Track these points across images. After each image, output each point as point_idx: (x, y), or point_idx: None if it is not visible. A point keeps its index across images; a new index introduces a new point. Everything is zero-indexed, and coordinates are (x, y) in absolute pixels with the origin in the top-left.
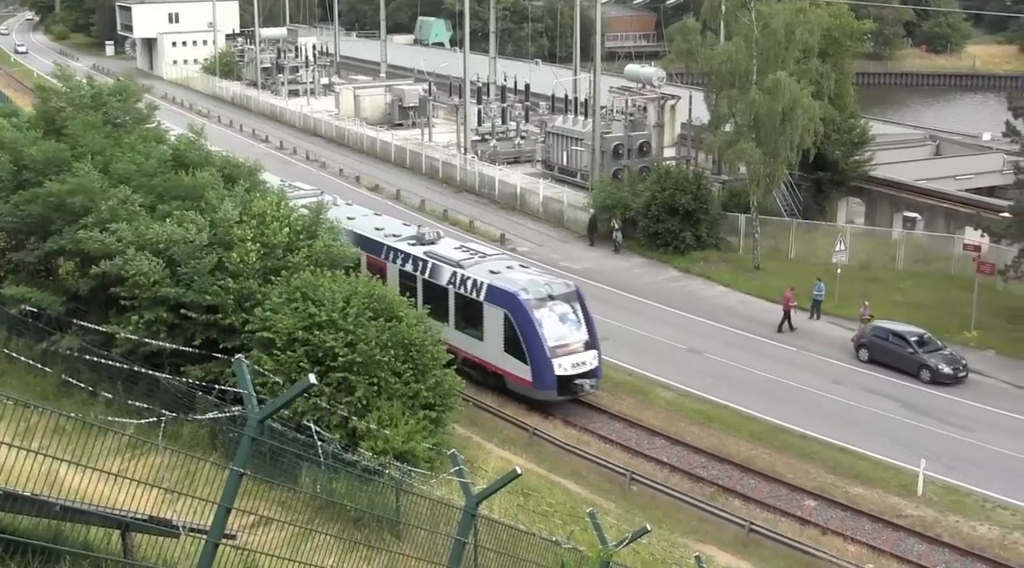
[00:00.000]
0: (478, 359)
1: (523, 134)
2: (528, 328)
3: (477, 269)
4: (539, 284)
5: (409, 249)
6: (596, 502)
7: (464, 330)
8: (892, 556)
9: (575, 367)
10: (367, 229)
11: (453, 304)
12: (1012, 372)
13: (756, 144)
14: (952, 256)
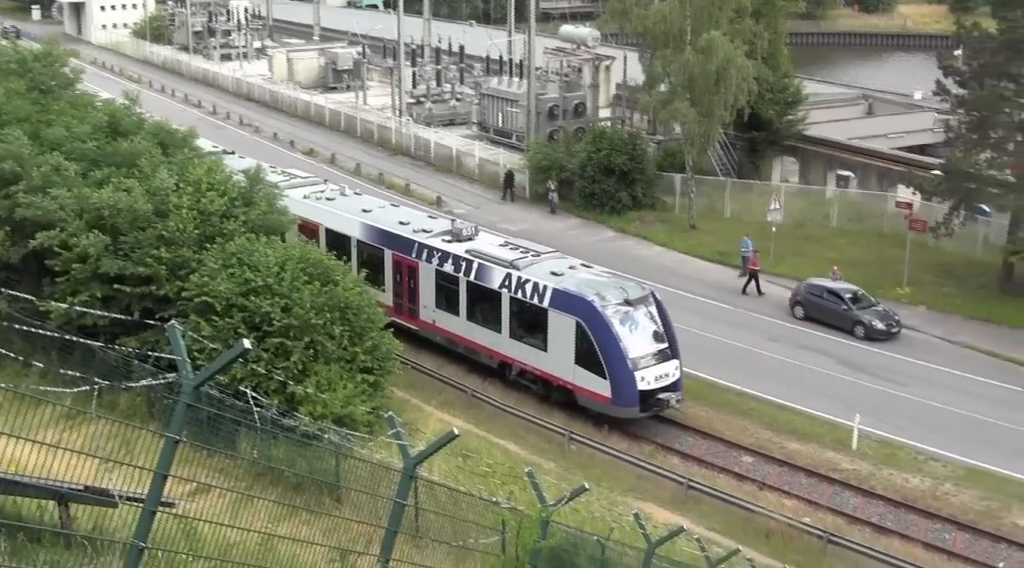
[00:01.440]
0: (540, 372)
1: (458, 96)
2: (606, 338)
3: (535, 270)
4: (613, 288)
5: (447, 247)
6: (535, 462)
7: (522, 339)
8: (828, 509)
9: (658, 380)
10: (389, 224)
11: (508, 310)
12: (943, 327)
13: (691, 104)
14: (885, 214)
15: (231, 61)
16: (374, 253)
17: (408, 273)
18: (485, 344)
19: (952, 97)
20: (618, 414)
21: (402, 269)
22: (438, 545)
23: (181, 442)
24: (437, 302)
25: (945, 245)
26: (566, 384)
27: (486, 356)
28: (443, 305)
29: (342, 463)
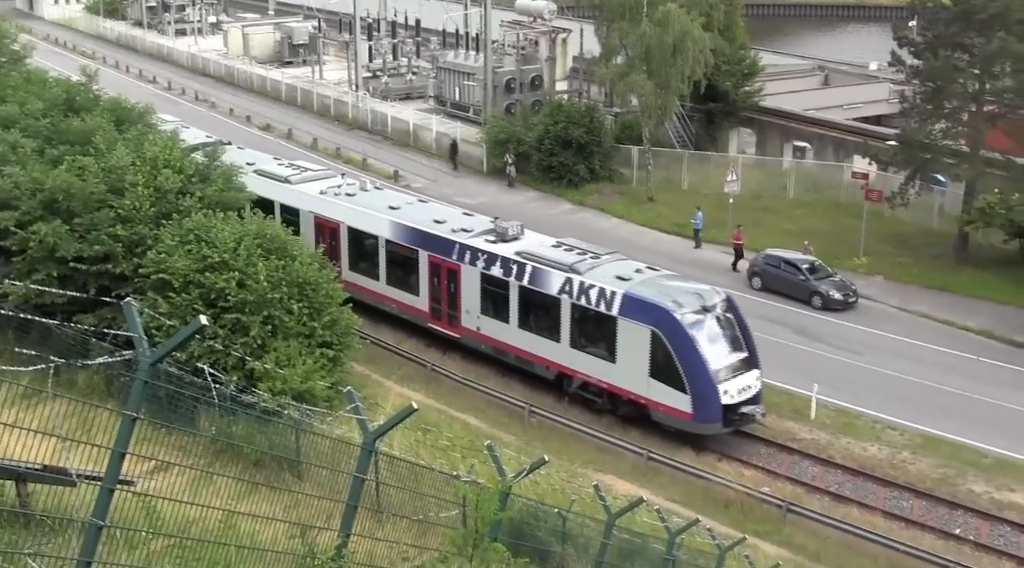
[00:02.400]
0: (607, 385)
1: (415, 70)
2: (686, 350)
3: (598, 274)
4: (689, 293)
5: (493, 248)
6: (495, 435)
7: (584, 349)
8: (787, 479)
9: (741, 393)
10: (423, 223)
11: (568, 318)
12: (900, 296)
13: (647, 76)
14: (841, 184)
15: (186, 36)
16: (406, 255)
17: (448, 277)
18: (541, 354)
19: (907, 68)
20: (699, 431)
21: (440, 272)
22: (399, 519)
23: (139, 419)
24: (483, 308)
25: (901, 215)
26: (638, 398)
27: (541, 367)
28: (489, 311)
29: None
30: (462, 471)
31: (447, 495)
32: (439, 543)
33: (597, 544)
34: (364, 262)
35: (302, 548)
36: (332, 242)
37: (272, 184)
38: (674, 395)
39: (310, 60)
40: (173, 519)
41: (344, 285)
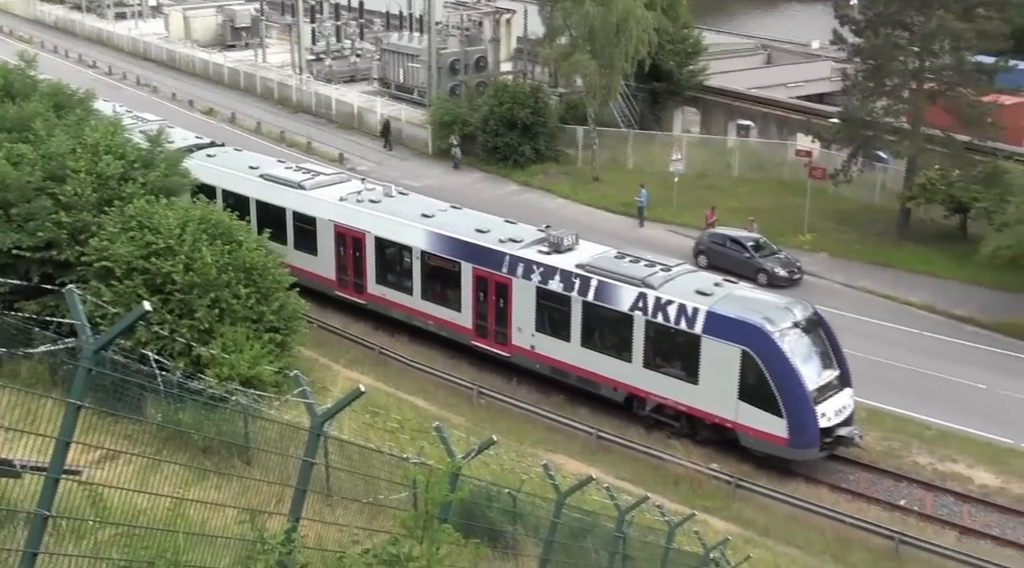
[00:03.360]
0: (687, 407)
1: (358, 52)
2: (782, 370)
3: (675, 289)
4: (778, 308)
5: (549, 260)
6: (444, 417)
7: (660, 370)
8: (735, 455)
9: (837, 414)
10: (465, 232)
11: (642, 336)
12: (844, 273)
13: (591, 56)
14: (785, 162)
15: (126, 20)
16: (446, 267)
17: (496, 291)
18: (608, 375)
19: (848, 46)
20: (794, 457)
21: (488, 287)
22: (349, 503)
23: (84, 408)
24: (538, 325)
25: (844, 192)
26: (724, 422)
27: (607, 388)
28: (546, 329)
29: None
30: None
31: (397, 477)
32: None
33: (548, 523)
34: (394, 275)
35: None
36: (356, 253)
37: (283, 190)
38: (768, 419)
39: (253, 43)
40: (121, 508)
41: (371, 300)
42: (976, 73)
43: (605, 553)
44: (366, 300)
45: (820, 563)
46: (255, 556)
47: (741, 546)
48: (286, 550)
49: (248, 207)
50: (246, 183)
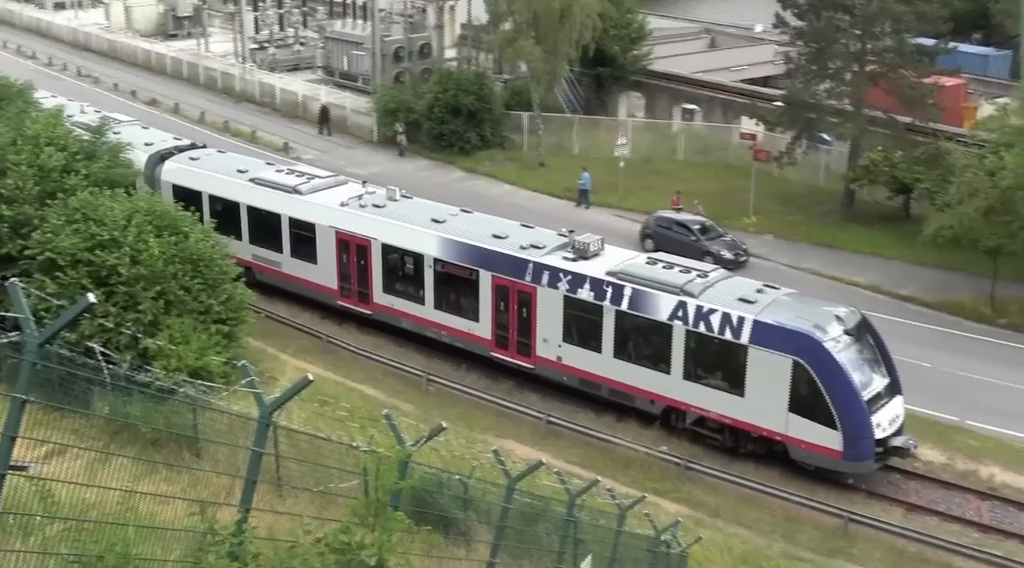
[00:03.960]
0: (731, 420)
1: (302, 40)
2: (836, 381)
3: (716, 296)
4: (828, 316)
5: (576, 267)
6: (394, 405)
7: (702, 381)
8: (685, 438)
9: (891, 424)
10: (482, 238)
11: (682, 346)
12: (789, 254)
13: (536, 42)
14: (730, 145)
15: (66, 10)
16: (462, 276)
17: (519, 300)
18: (644, 387)
19: (791, 29)
20: (849, 470)
21: (509, 296)
22: (300, 492)
23: (29, 402)
24: (566, 336)
25: (789, 174)
26: (773, 435)
27: (643, 401)
28: (575, 339)
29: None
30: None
31: (347, 466)
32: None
33: (499, 509)
34: (403, 284)
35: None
36: (361, 261)
37: (277, 195)
38: (821, 432)
39: (195, 33)
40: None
41: (377, 310)
42: (917, 55)
43: (557, 537)
44: (372, 310)
45: (770, 543)
46: (206, 548)
47: (692, 527)
48: (237, 541)
49: (238, 213)
50: (235, 188)
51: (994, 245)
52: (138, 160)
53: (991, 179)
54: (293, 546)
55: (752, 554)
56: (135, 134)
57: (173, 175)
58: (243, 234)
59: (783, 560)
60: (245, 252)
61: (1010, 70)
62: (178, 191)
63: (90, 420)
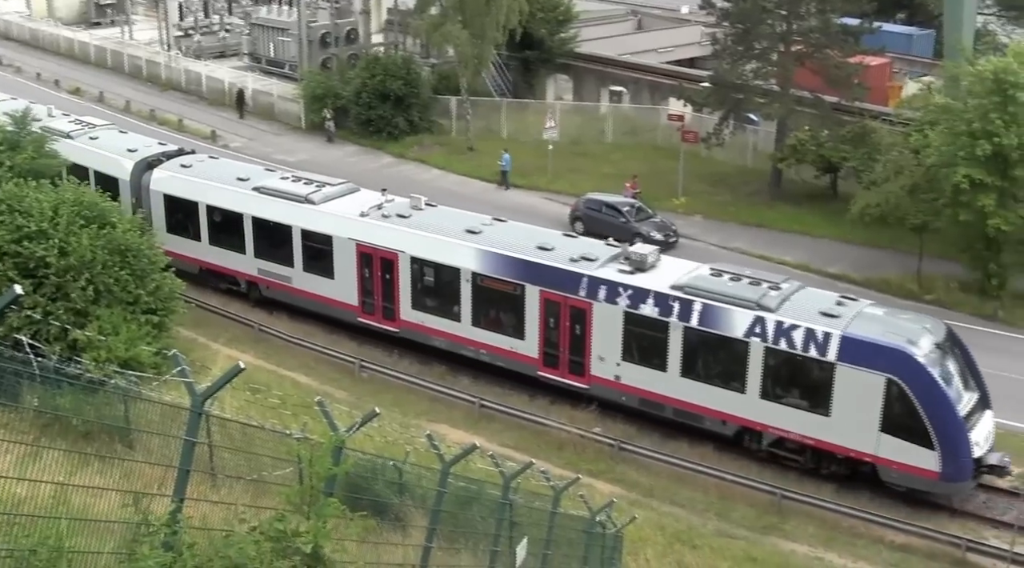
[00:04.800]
0: (814, 441)
1: (228, 27)
2: (933, 399)
3: (796, 311)
4: (918, 329)
5: (636, 281)
6: (327, 392)
7: (781, 400)
8: (619, 419)
9: (986, 441)
10: (526, 251)
11: (760, 364)
12: (718, 234)
13: (463, 26)
14: (658, 127)
15: None
16: (505, 291)
17: (571, 317)
18: (715, 407)
19: (717, 10)
20: (946, 491)
21: (560, 312)
22: (235, 481)
23: None
24: (625, 354)
25: (717, 155)
26: (862, 456)
27: (714, 421)
28: (635, 357)
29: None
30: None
31: (281, 454)
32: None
33: (434, 493)
34: (435, 300)
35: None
36: (386, 276)
37: (286, 205)
38: (917, 452)
39: (119, 20)
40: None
41: (405, 327)
42: (842, 35)
43: (492, 521)
44: (399, 328)
45: (704, 521)
46: (140, 539)
47: (626, 508)
48: (171, 531)
49: (241, 225)
50: (237, 197)
51: (920, 222)
52: (121, 168)
53: (916, 157)
54: (228, 535)
55: (686, 532)
56: (113, 139)
57: (164, 184)
58: (247, 247)
59: (717, 538)
60: (249, 266)
61: (933, 49)
62: (170, 201)
63: (19, 413)
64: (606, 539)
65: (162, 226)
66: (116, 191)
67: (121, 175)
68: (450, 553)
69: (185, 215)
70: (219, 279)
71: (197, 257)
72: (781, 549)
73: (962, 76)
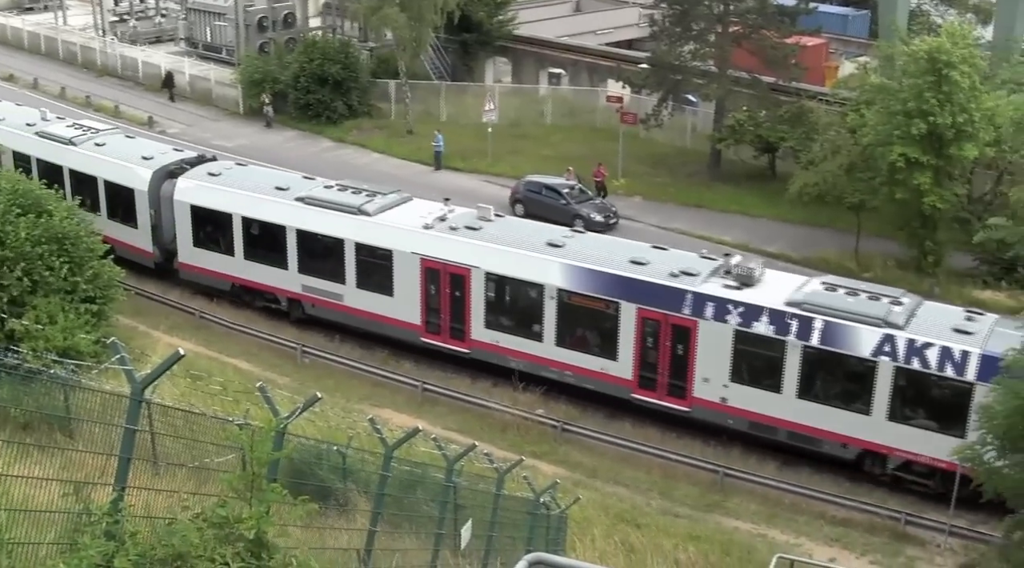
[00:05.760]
0: (947, 464)
1: (163, 12)
2: None
3: (925, 327)
4: None
5: (746, 298)
6: (269, 378)
7: (911, 422)
8: (562, 401)
9: None
10: (619, 266)
11: (888, 385)
12: (657, 215)
13: (400, 9)
14: (597, 109)
15: None
16: (596, 308)
17: (673, 336)
18: (835, 430)
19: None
20: None
21: (660, 331)
22: (178, 469)
23: None
24: (734, 375)
25: (656, 136)
26: None
27: (834, 445)
28: (745, 378)
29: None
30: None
31: (223, 440)
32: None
33: (378, 478)
34: (512, 318)
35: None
36: (455, 293)
37: (337, 217)
38: None
39: (52, 6)
40: None
41: (477, 347)
42: (778, 16)
43: (436, 503)
44: (469, 348)
45: (648, 500)
46: (81, 529)
47: (570, 488)
48: (113, 520)
49: (283, 238)
50: (279, 209)
51: (857, 201)
52: (138, 178)
53: (853, 137)
54: (171, 522)
55: (630, 512)
56: (123, 145)
57: (191, 195)
58: (289, 262)
59: (661, 516)
60: (292, 283)
61: (869, 29)
62: (199, 213)
63: None
64: (550, 520)
65: (187, 240)
66: (131, 203)
67: (138, 185)
68: (394, 537)
69: (216, 228)
70: (255, 296)
71: (230, 273)
72: (724, 526)
73: (897, 56)
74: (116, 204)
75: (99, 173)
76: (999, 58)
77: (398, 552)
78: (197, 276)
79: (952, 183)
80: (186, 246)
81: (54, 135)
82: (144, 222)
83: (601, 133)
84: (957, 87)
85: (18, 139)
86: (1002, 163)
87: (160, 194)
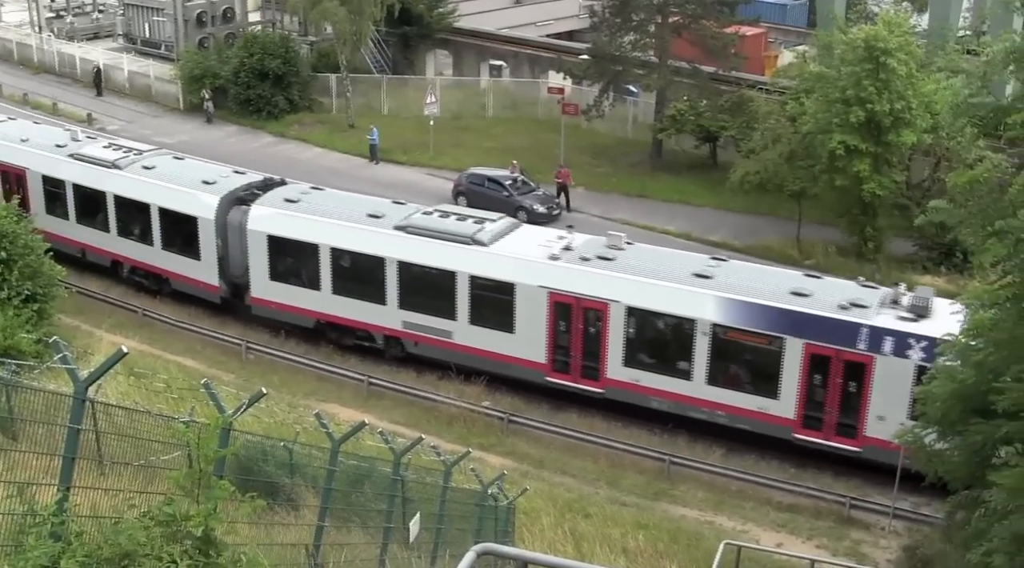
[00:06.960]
0: None
1: (101, 8)
2: None
3: None
4: None
5: (929, 331)
6: (214, 375)
7: None
8: (508, 392)
9: None
10: (780, 298)
11: None
12: (601, 205)
13: (340, 2)
14: (538, 100)
15: None
16: (755, 343)
17: (844, 373)
18: None
19: None
20: None
21: (829, 367)
22: (124, 468)
23: None
24: (913, 413)
25: (598, 127)
26: None
27: None
28: None
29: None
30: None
31: (169, 438)
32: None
33: (325, 473)
34: (655, 355)
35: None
36: (589, 329)
37: (446, 247)
38: None
39: None
40: None
41: (612, 386)
42: (718, 6)
43: (384, 497)
44: (603, 387)
45: (595, 490)
46: (26, 530)
47: (518, 479)
48: (58, 521)
49: (380, 271)
50: (376, 238)
51: (798, 189)
52: (202, 205)
53: (792, 125)
54: (117, 522)
55: (578, 501)
56: (176, 168)
57: (268, 224)
58: (388, 296)
59: (609, 505)
60: (391, 319)
61: (807, 19)
62: (277, 244)
63: None
64: (499, 511)
65: (263, 273)
66: (192, 232)
67: (202, 213)
68: (343, 531)
69: (297, 260)
70: (343, 333)
71: (315, 309)
72: (672, 515)
73: (835, 45)
74: (173, 234)
75: (152, 200)
76: (935, 46)
77: (347, 547)
78: (274, 312)
79: (891, 170)
80: (261, 280)
81: (93, 157)
82: (209, 254)
83: (543, 125)
84: (894, 75)
85: (49, 162)
86: (939, 149)
87: (227, 222)
